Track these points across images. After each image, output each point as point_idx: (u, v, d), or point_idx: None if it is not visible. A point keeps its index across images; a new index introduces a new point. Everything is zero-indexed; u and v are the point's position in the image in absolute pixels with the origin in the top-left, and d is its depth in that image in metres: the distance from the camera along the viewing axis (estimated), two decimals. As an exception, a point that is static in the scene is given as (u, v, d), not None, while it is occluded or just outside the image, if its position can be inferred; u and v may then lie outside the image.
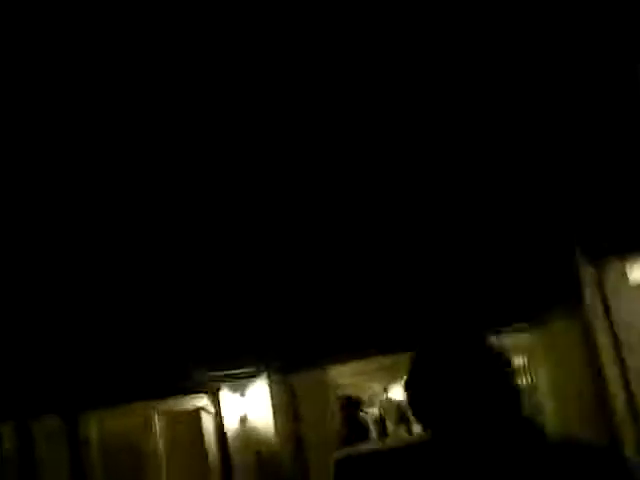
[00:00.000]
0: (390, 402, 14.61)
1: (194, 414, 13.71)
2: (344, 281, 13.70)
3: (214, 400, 13.68)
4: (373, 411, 14.61)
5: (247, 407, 13.55)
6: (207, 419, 13.64)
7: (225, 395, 13.63)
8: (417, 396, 2.41)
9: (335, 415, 13.63)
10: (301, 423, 13.43)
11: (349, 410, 12.35)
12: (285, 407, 13.63)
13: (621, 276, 11.86)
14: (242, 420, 13.53)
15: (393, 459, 9.59)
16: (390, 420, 14.44)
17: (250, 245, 13.93)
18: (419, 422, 2.41)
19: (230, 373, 13.56)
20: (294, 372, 13.62)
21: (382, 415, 14.47)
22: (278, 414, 13.52)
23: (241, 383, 13.62)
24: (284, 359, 13.54)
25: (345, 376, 13.91)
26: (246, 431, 13.43)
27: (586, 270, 12.07)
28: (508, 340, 12.50)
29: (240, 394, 13.58)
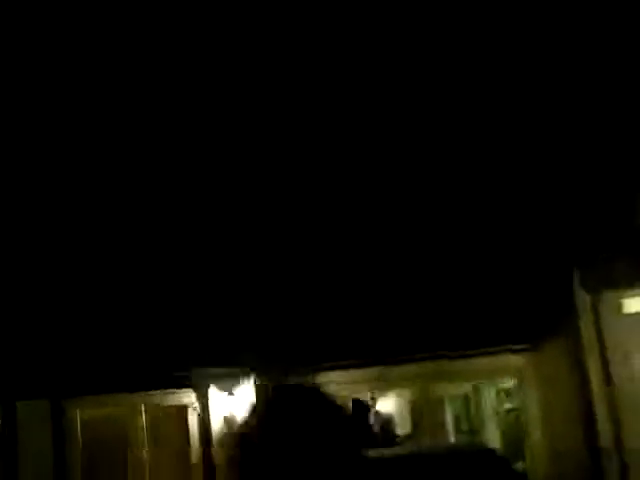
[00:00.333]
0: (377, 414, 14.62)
1: (180, 410, 13.70)
2: (335, 290, 13.79)
3: (201, 398, 13.68)
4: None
5: (234, 407, 13.55)
6: (193, 416, 13.64)
7: (212, 393, 13.64)
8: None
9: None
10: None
11: (359, 413, 12.28)
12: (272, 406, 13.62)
13: (615, 305, 12.09)
14: (227, 419, 13.53)
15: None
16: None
17: (245, 246, 13.98)
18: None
19: (218, 372, 13.58)
20: (281, 375, 13.65)
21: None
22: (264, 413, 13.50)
23: (229, 382, 13.63)
24: (272, 362, 13.57)
25: (331, 384, 13.92)
26: (231, 430, 13.43)
27: (582, 297, 12.28)
28: (501, 361, 12.68)
29: (227, 393, 13.58)
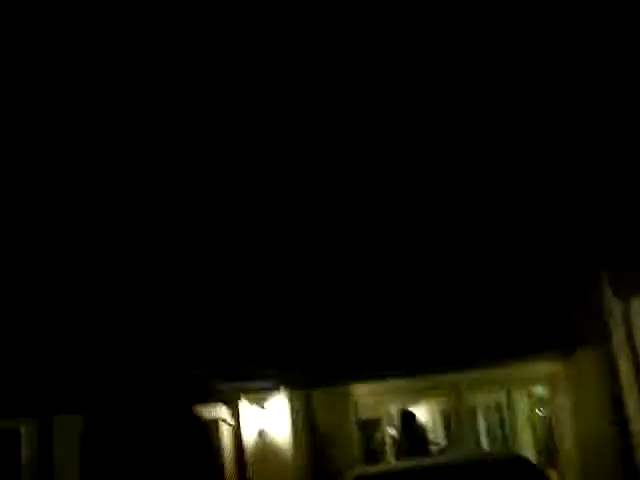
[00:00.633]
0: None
1: (213, 424, 13.76)
2: (366, 300, 13.82)
3: (233, 411, 13.75)
4: (390, 431, 14.65)
5: (266, 420, 13.61)
6: (226, 430, 13.70)
7: (245, 407, 13.70)
8: None
9: (353, 431, 13.71)
10: (319, 438, 13.48)
11: (407, 424, 12.25)
12: (304, 422, 13.70)
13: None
14: (260, 433, 13.58)
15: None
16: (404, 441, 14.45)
17: (275, 260, 14.04)
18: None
19: (250, 385, 13.64)
20: (314, 387, 13.71)
21: (398, 436, 14.51)
22: (296, 428, 13.59)
23: (261, 396, 13.69)
24: (305, 374, 13.62)
25: (363, 395, 13.97)
26: (264, 444, 13.49)
27: (613, 304, 12.19)
28: (533, 369, 12.62)
29: (260, 407, 13.64)
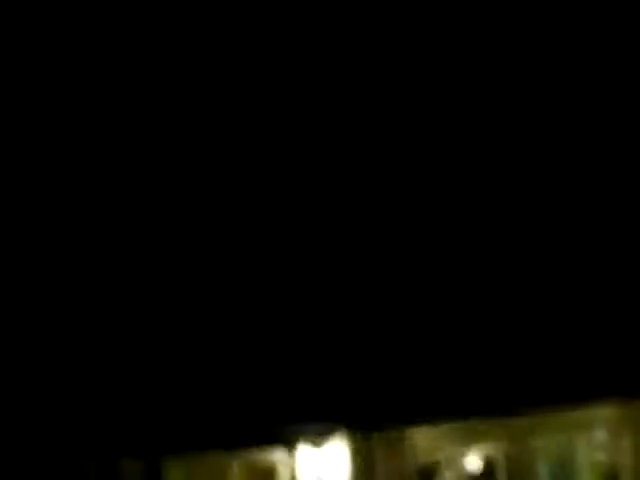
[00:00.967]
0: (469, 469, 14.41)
1: (271, 467, 13.78)
2: (426, 342, 13.76)
3: (292, 455, 13.76)
4: (450, 475, 14.42)
5: (324, 464, 13.59)
6: (284, 474, 13.70)
7: (303, 450, 13.70)
8: None
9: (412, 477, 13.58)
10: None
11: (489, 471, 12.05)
12: (362, 466, 13.62)
13: None
14: (318, 478, 13.56)
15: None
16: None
17: (334, 303, 14.10)
18: None
19: (309, 429, 13.65)
20: (373, 431, 13.65)
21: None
22: (355, 473, 13.52)
23: (319, 440, 13.69)
24: (364, 417, 13.58)
25: (425, 438, 13.84)
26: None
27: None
28: (594, 412, 12.37)
29: (318, 451, 13.64)
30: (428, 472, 13.98)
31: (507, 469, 14.29)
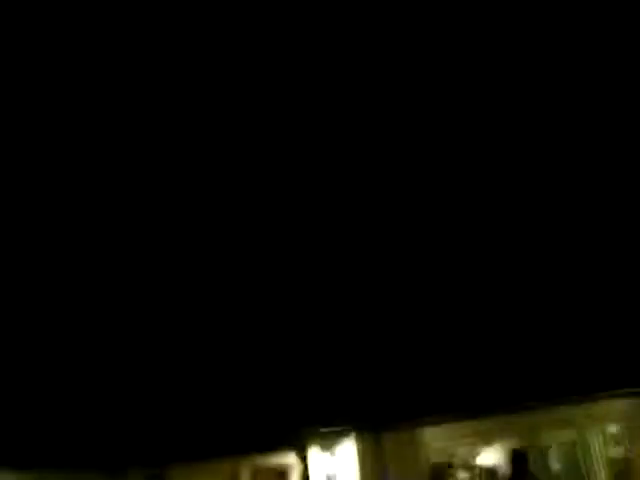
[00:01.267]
0: (481, 467, 14.23)
1: (282, 471, 13.65)
2: (436, 341, 13.62)
3: (302, 458, 13.61)
4: (463, 475, 14.26)
5: (335, 466, 13.42)
6: (295, 477, 13.57)
7: (314, 454, 13.55)
8: None
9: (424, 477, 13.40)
10: (390, 485, 13.23)
11: (518, 465, 11.79)
12: (374, 468, 13.46)
13: None
14: (330, 479, 13.40)
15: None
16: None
17: (344, 307, 13.99)
18: None
19: (319, 431, 13.50)
20: (384, 431, 13.48)
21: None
22: (366, 474, 13.36)
23: (330, 442, 13.53)
24: (374, 419, 13.42)
25: (436, 439, 13.67)
26: (335, 491, 13.31)
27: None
28: (609, 406, 12.18)
29: (329, 453, 13.48)
30: (441, 472, 13.81)
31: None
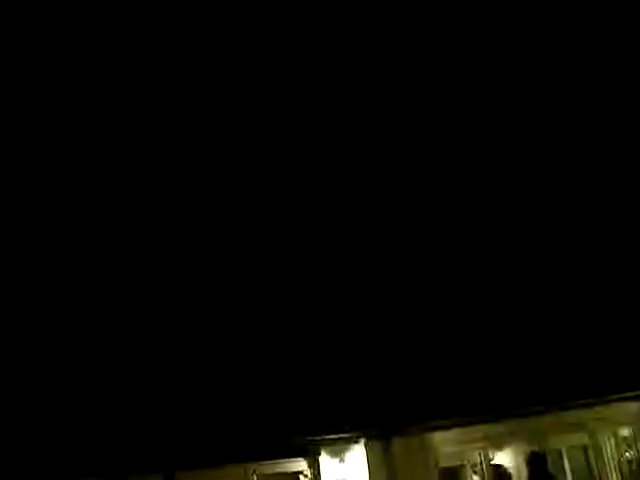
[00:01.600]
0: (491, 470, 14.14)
1: (292, 478, 13.61)
2: (445, 345, 13.59)
3: (313, 465, 13.57)
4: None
5: (345, 472, 13.38)
6: (305, 483, 13.54)
7: (324, 460, 13.51)
8: None
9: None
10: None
11: (536, 466, 11.64)
12: (383, 473, 13.42)
13: None
14: (341, 485, 13.36)
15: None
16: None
17: (354, 315, 13.96)
18: None
19: (329, 438, 13.46)
20: (393, 437, 13.44)
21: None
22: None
23: (340, 448, 13.49)
24: (384, 424, 13.39)
25: (446, 443, 13.61)
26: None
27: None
28: (619, 408, 12.10)
29: (339, 459, 13.43)
30: (451, 476, 13.76)
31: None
